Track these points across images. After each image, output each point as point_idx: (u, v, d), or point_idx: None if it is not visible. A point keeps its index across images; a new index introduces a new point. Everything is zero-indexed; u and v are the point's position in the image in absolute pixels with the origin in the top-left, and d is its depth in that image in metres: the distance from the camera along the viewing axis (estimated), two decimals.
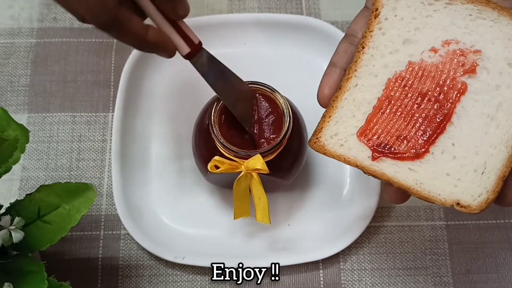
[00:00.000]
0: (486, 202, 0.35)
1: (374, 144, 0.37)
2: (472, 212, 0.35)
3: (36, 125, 0.56)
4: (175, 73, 0.57)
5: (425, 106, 0.37)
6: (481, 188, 0.35)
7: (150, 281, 0.51)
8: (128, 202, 0.52)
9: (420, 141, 0.37)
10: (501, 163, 0.35)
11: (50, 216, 0.41)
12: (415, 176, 0.36)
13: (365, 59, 0.39)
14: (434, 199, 0.36)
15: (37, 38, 0.59)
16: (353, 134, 0.38)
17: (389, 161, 0.37)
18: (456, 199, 0.36)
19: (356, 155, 0.38)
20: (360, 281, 0.51)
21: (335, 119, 0.39)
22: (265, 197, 0.44)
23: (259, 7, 0.60)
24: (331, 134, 0.38)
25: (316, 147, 0.39)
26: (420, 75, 0.38)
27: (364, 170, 0.37)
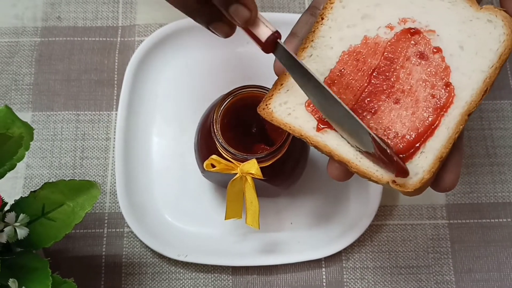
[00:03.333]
0: (421, 182, 0.35)
1: (321, 115, 0.37)
2: (406, 190, 0.34)
3: (40, 124, 0.56)
4: (178, 72, 0.57)
5: (375, 81, 0.37)
6: (417, 167, 0.35)
7: (153, 279, 0.51)
8: (131, 200, 0.52)
9: (366, 116, 0.37)
10: (440, 144, 0.35)
11: (54, 213, 0.41)
12: (356, 151, 0.36)
13: (323, 30, 0.39)
14: (371, 174, 0.36)
15: (41, 37, 0.59)
16: (302, 104, 0.38)
17: (333, 133, 0.37)
18: (392, 177, 0.35)
19: (302, 124, 0.37)
20: (362, 279, 0.51)
21: (286, 87, 0.39)
22: (256, 202, 0.45)
23: (262, 6, 0.60)
24: (280, 102, 0.38)
25: (264, 113, 0.38)
26: (374, 50, 0.38)
27: (308, 140, 0.37)
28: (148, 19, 0.60)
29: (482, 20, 0.37)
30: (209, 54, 0.57)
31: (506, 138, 0.56)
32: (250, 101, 0.45)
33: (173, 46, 0.57)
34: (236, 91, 0.44)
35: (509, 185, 0.54)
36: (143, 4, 0.60)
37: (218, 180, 0.51)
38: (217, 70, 0.57)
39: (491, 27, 0.36)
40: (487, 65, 0.36)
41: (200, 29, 0.57)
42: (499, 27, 0.36)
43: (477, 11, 0.37)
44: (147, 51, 0.56)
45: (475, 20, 0.37)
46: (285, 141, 0.42)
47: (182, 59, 0.57)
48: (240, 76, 0.57)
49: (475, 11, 0.37)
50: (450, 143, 0.35)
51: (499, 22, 0.36)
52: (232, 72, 0.57)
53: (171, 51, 0.57)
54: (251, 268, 0.52)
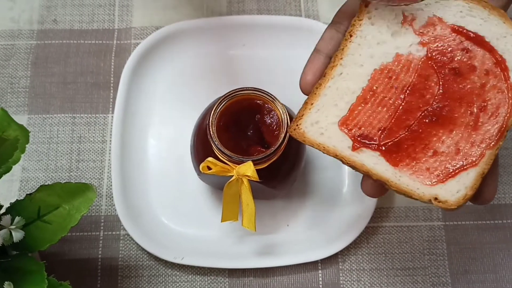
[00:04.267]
0: (464, 198, 0.35)
1: (355, 135, 0.37)
2: (449, 207, 0.35)
3: (36, 126, 0.56)
4: (174, 75, 0.57)
5: (409, 99, 0.37)
6: (459, 184, 0.35)
7: (149, 281, 0.51)
8: (127, 203, 0.52)
9: (404, 135, 0.37)
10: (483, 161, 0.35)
11: (50, 216, 0.41)
12: (394, 169, 0.36)
13: (352, 48, 0.39)
14: (412, 193, 0.35)
15: (37, 40, 0.59)
16: (334, 123, 0.38)
17: (369, 152, 0.36)
18: (434, 194, 0.35)
19: (336, 144, 0.37)
20: (359, 281, 0.51)
21: (316, 107, 0.38)
22: (253, 204, 0.45)
23: (258, 9, 0.60)
24: (311, 122, 0.38)
25: (296, 134, 0.38)
26: (407, 68, 0.38)
27: (343, 160, 0.37)
28: (144, 22, 0.60)
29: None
30: (205, 57, 0.58)
31: None
32: (246, 104, 0.45)
33: (169, 48, 0.57)
34: (233, 93, 0.44)
35: (505, 187, 0.54)
36: (139, 7, 0.61)
37: (215, 183, 0.51)
38: (213, 73, 0.57)
39: None
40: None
41: (196, 32, 0.58)
42: None
43: (510, 28, 0.37)
44: (143, 54, 0.56)
45: (509, 36, 0.37)
46: (281, 143, 0.42)
47: (179, 62, 0.58)
48: (236, 78, 0.57)
49: (508, 27, 0.37)
50: (491, 160, 0.35)
51: None
52: (228, 75, 0.57)
53: (167, 54, 0.57)
54: (247, 271, 0.52)
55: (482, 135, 0.36)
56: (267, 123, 0.45)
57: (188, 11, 0.60)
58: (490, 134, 0.36)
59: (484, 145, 0.36)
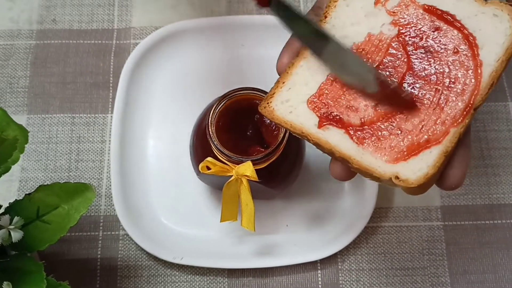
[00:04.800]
0: (425, 177, 0.34)
1: (322, 113, 0.37)
2: (409, 186, 0.34)
3: (35, 126, 0.56)
4: (173, 75, 0.57)
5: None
6: (422, 162, 0.34)
7: (148, 282, 0.51)
8: (127, 203, 0.52)
9: (369, 113, 0.36)
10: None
11: (49, 216, 0.41)
12: (358, 146, 0.36)
13: (326, 29, 0.39)
14: (373, 170, 0.35)
15: (37, 40, 0.59)
16: (304, 102, 0.38)
17: (335, 130, 0.36)
18: (395, 172, 0.35)
19: (303, 122, 0.37)
20: (358, 281, 0.51)
21: (288, 85, 0.38)
22: (252, 204, 0.45)
23: (257, 9, 0.60)
24: (282, 100, 0.38)
25: (265, 111, 0.38)
26: (378, 47, 0.38)
27: (309, 138, 0.37)
28: (143, 22, 0.60)
29: (487, 14, 0.37)
30: (204, 57, 0.58)
31: (501, 140, 0.56)
32: (245, 104, 0.45)
33: (168, 48, 0.57)
34: (232, 93, 0.44)
35: (504, 187, 0.54)
36: (139, 7, 0.61)
37: (214, 183, 0.51)
38: (213, 73, 0.57)
39: (497, 21, 0.36)
40: (493, 59, 0.36)
41: (195, 32, 0.58)
42: (505, 21, 0.36)
43: (482, 6, 0.37)
44: (142, 54, 0.56)
45: (481, 14, 0.37)
46: (280, 143, 0.42)
47: (178, 62, 0.58)
48: (236, 78, 0.57)
49: (480, 5, 0.37)
50: (455, 137, 0.35)
51: (505, 16, 0.36)
52: (228, 75, 0.57)
53: (166, 54, 0.57)
54: (246, 271, 0.52)
55: (448, 113, 0.35)
56: (266, 123, 0.45)
57: (187, 11, 0.60)
58: (455, 112, 0.35)
59: (448, 123, 0.35)
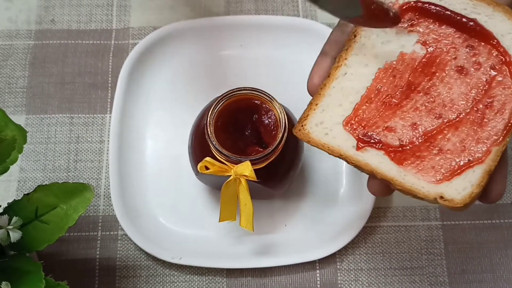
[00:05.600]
0: (470, 196, 0.34)
1: (359, 134, 0.37)
2: (455, 206, 0.34)
3: (34, 127, 0.56)
4: (172, 75, 0.57)
5: (415, 98, 0.37)
6: (465, 181, 0.35)
7: (147, 282, 0.51)
8: (125, 203, 0.52)
9: (408, 133, 0.36)
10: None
11: (47, 216, 0.41)
12: (399, 167, 0.36)
13: (356, 48, 0.39)
14: (417, 191, 0.35)
15: (35, 40, 0.59)
16: (339, 123, 0.37)
17: (374, 152, 0.36)
18: (439, 193, 0.35)
19: (340, 144, 0.37)
20: (356, 281, 0.51)
21: (321, 107, 0.38)
22: (250, 204, 0.45)
23: (256, 9, 0.60)
24: (316, 122, 0.38)
25: (301, 134, 0.38)
26: (411, 67, 0.37)
27: (348, 160, 0.37)
28: (142, 22, 0.60)
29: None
30: (203, 57, 0.58)
31: None
32: (244, 104, 0.45)
33: (167, 48, 0.57)
34: (230, 93, 0.44)
35: None
36: (137, 7, 0.61)
37: (212, 182, 0.51)
38: (211, 73, 0.57)
39: None
40: None
41: (194, 32, 0.58)
42: None
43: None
44: (141, 54, 0.56)
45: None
46: (278, 143, 0.42)
47: (176, 62, 0.58)
48: (234, 78, 0.57)
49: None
50: (498, 156, 0.35)
51: None
52: (226, 75, 0.57)
53: (165, 54, 0.57)
54: (245, 271, 0.52)
55: (488, 132, 0.35)
56: (265, 123, 0.45)
57: (186, 11, 0.60)
58: (496, 130, 0.35)
59: (490, 142, 0.35)
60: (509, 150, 0.56)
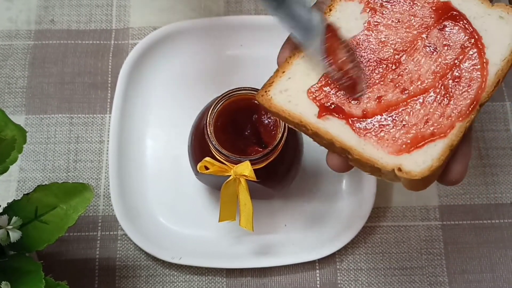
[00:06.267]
0: (429, 170, 0.34)
1: (323, 103, 0.37)
2: (413, 178, 0.34)
3: (34, 127, 0.56)
4: (172, 75, 0.57)
5: (382, 71, 0.37)
6: (426, 155, 0.34)
7: (147, 282, 0.51)
8: (125, 203, 0.52)
9: (372, 105, 0.36)
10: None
11: (47, 216, 0.41)
12: (359, 137, 0.35)
13: (331, 21, 0.39)
14: (375, 161, 0.35)
15: (35, 40, 0.59)
16: (304, 91, 0.37)
17: (335, 120, 0.36)
18: (398, 164, 0.34)
19: (302, 111, 0.37)
20: (356, 281, 0.52)
21: (288, 75, 0.38)
22: (250, 204, 0.45)
23: (256, 9, 0.60)
24: (280, 89, 0.38)
25: (263, 100, 0.38)
26: (384, 42, 0.38)
27: (307, 127, 0.36)
28: (141, 22, 0.60)
29: (493, 16, 0.37)
30: (202, 57, 0.58)
31: (498, 140, 0.56)
32: (243, 104, 0.45)
33: (166, 49, 0.57)
34: (230, 93, 0.44)
35: (502, 187, 0.55)
36: (137, 7, 0.61)
37: (212, 183, 0.51)
38: (211, 73, 0.57)
39: (502, 23, 0.37)
40: (499, 58, 0.36)
41: (194, 32, 0.58)
42: (511, 24, 0.37)
43: (488, 8, 0.38)
44: (140, 54, 0.56)
45: (487, 16, 0.37)
46: (278, 143, 0.42)
47: (176, 62, 0.58)
48: (234, 78, 0.57)
49: (486, 7, 0.38)
50: (461, 132, 0.35)
51: (511, 19, 0.37)
52: (226, 75, 0.57)
53: (164, 54, 0.57)
54: (245, 270, 0.52)
55: (453, 108, 0.35)
56: (265, 123, 0.45)
57: (185, 11, 0.60)
58: (461, 107, 0.35)
59: (454, 117, 0.35)
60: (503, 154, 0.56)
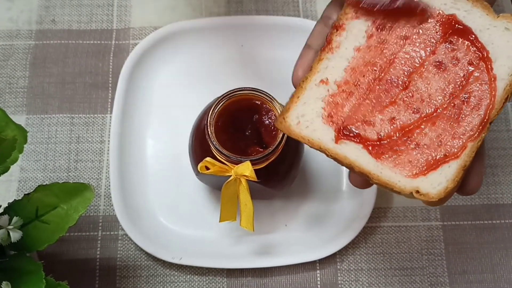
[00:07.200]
0: (445, 191, 0.34)
1: (338, 127, 0.37)
2: (430, 200, 0.34)
3: (35, 127, 0.56)
4: (172, 75, 0.57)
5: (394, 93, 0.37)
6: (441, 176, 0.35)
7: (147, 282, 0.51)
8: (126, 203, 0.52)
9: (386, 128, 0.36)
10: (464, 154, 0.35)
11: (48, 216, 0.41)
12: (376, 161, 0.36)
13: (338, 41, 0.39)
14: (393, 185, 0.35)
15: (36, 40, 0.59)
16: (319, 116, 0.38)
17: (352, 145, 0.37)
18: (415, 187, 0.35)
19: (320, 137, 0.37)
20: (357, 281, 0.51)
21: (303, 100, 0.38)
22: (251, 204, 0.45)
23: (257, 10, 0.60)
24: (297, 115, 0.38)
25: (282, 127, 0.38)
26: (392, 61, 0.38)
27: (327, 152, 0.37)
28: (142, 22, 0.60)
29: (499, 28, 0.37)
30: (203, 57, 0.58)
31: (499, 140, 0.56)
32: (244, 104, 0.45)
33: (167, 49, 0.57)
34: (231, 93, 0.44)
35: (502, 187, 0.55)
36: (138, 7, 0.61)
37: (213, 183, 0.51)
38: (211, 73, 0.57)
39: (509, 35, 0.37)
40: (507, 72, 0.36)
41: (194, 32, 0.58)
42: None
43: (494, 20, 0.37)
44: (141, 54, 0.56)
45: (492, 28, 0.37)
46: (279, 143, 0.42)
47: (177, 62, 0.58)
48: (235, 79, 0.57)
49: (492, 19, 0.37)
50: (473, 152, 0.35)
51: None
52: (227, 75, 0.57)
53: (165, 54, 0.57)
54: (245, 271, 0.52)
55: (464, 128, 0.36)
56: (265, 123, 0.45)
57: (186, 11, 0.60)
58: (472, 126, 0.35)
59: (465, 137, 0.35)
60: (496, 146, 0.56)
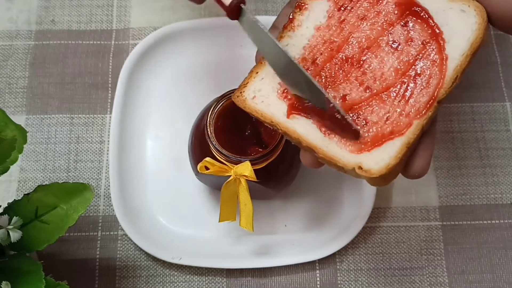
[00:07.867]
0: (386, 167, 0.34)
1: (292, 102, 0.38)
2: (371, 176, 0.34)
3: (34, 127, 0.56)
4: (172, 75, 0.57)
5: (347, 69, 0.37)
6: (384, 153, 0.35)
7: (147, 282, 0.51)
8: (125, 203, 0.52)
9: (338, 104, 0.37)
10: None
11: (47, 216, 0.41)
12: (324, 136, 0.36)
13: (299, 20, 0.40)
14: (337, 160, 0.35)
15: (35, 41, 0.59)
16: (275, 91, 0.38)
17: (303, 120, 0.37)
18: (358, 163, 0.35)
19: (273, 111, 0.38)
20: (356, 281, 0.52)
21: (261, 75, 0.39)
22: (250, 204, 0.45)
23: (256, 10, 0.61)
24: (254, 89, 0.39)
25: (238, 101, 0.39)
26: (348, 40, 0.38)
27: (278, 127, 0.37)
28: (142, 22, 0.60)
29: (455, 10, 0.37)
30: (203, 57, 0.58)
31: (499, 140, 0.56)
32: None
33: (167, 49, 0.57)
34: (230, 93, 0.44)
35: (502, 187, 0.55)
36: (137, 7, 0.61)
37: (212, 183, 0.51)
38: (211, 73, 0.57)
39: (464, 16, 0.37)
40: (459, 53, 0.36)
41: (194, 32, 0.58)
42: (472, 17, 0.37)
43: (450, 2, 0.38)
44: (141, 54, 0.56)
45: (448, 10, 0.37)
46: (278, 143, 0.42)
47: (176, 62, 0.58)
48: (234, 79, 0.56)
49: (448, 1, 0.38)
50: (418, 129, 0.35)
51: (472, 12, 0.37)
52: (226, 75, 0.57)
53: (165, 54, 0.57)
54: (245, 271, 0.52)
55: (412, 105, 0.36)
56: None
57: (186, 11, 0.60)
58: (419, 104, 0.36)
59: (412, 115, 0.35)
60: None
